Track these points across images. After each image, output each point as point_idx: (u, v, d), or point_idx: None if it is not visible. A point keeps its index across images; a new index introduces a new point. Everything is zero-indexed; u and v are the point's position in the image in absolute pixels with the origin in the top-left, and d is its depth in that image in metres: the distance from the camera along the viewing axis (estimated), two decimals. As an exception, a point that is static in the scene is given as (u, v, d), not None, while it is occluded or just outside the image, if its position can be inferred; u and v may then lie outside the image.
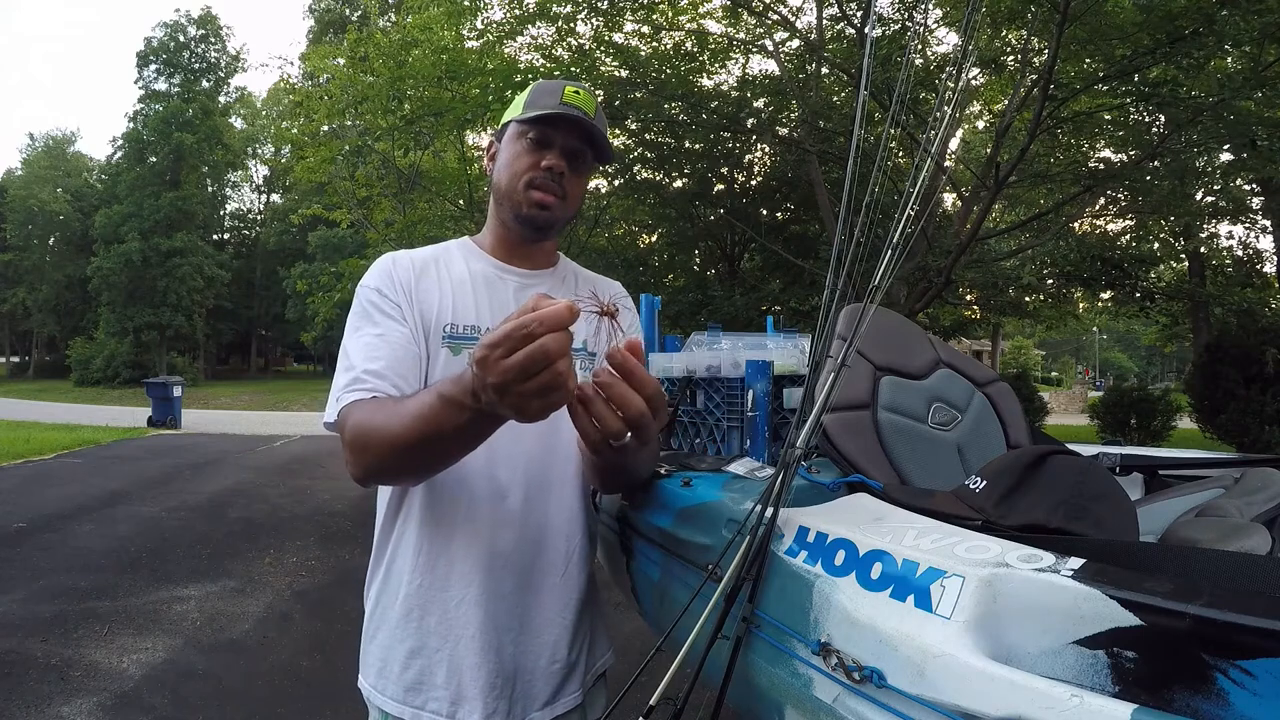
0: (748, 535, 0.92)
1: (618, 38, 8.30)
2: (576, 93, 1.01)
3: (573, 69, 7.70)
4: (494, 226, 1.09)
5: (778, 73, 8.91)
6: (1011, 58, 7.48)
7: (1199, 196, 9.05)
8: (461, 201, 9.99)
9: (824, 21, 8.69)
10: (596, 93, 1.15)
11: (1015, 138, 6.88)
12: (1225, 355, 9.16)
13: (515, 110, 1.04)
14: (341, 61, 9.76)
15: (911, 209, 1.11)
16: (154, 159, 31.33)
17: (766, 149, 10.45)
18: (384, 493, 1.02)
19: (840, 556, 0.83)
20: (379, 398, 0.90)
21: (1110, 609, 0.57)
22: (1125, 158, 7.87)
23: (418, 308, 1.00)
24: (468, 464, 0.86)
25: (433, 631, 0.97)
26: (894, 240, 1.11)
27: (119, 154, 33.24)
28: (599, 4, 7.75)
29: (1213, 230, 11.37)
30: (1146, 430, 11.00)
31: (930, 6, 7.70)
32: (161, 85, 32.35)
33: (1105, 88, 6.46)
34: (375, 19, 13.56)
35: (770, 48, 8.90)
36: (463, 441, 0.79)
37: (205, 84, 33.05)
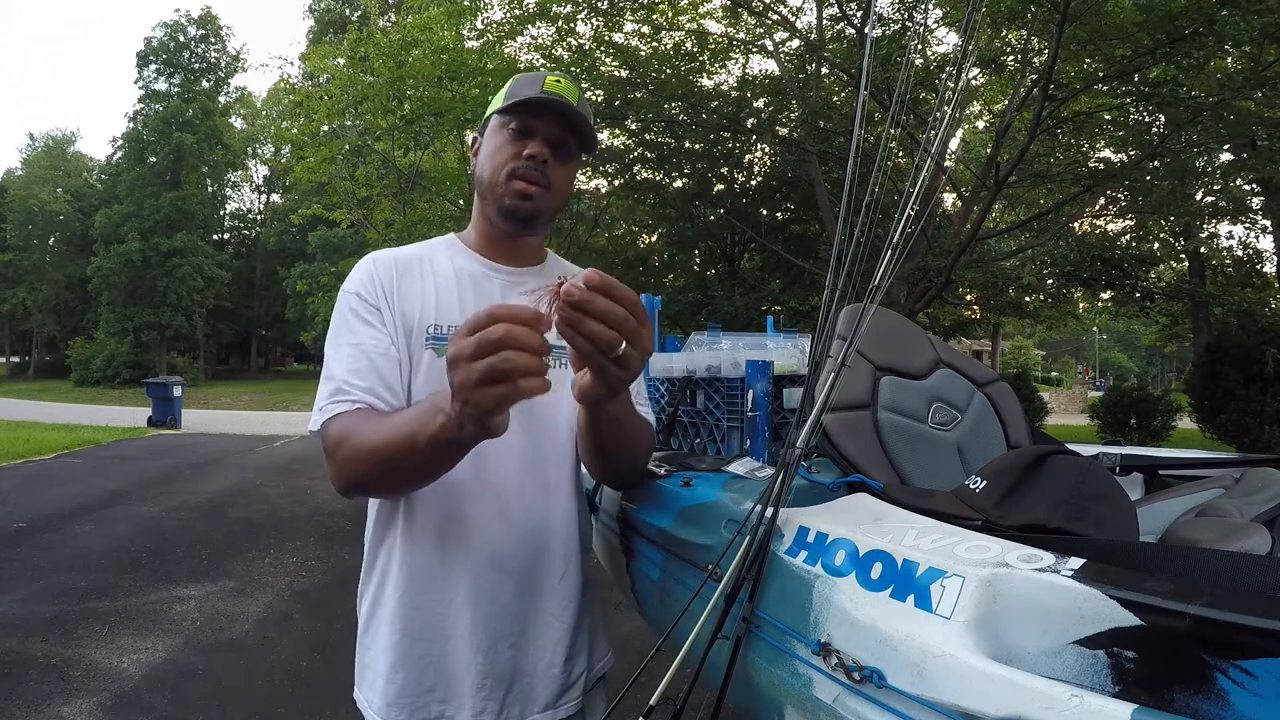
0: (748, 535, 0.92)
1: (618, 38, 8.30)
2: (558, 81, 0.99)
3: (573, 69, 7.71)
4: (478, 222, 1.07)
5: (778, 73, 8.91)
6: (1011, 58, 7.49)
7: (1199, 196, 9.06)
8: (461, 201, 10.00)
9: (824, 21, 8.69)
10: (582, 84, 1.12)
11: (1015, 138, 6.88)
12: (1225, 355, 9.17)
13: (497, 104, 1.03)
14: (341, 61, 9.77)
15: (911, 209, 1.12)
16: (154, 159, 31.33)
17: (766, 149, 10.46)
18: (373, 507, 1.01)
19: (840, 556, 0.83)
20: (361, 409, 0.90)
21: (1110, 609, 0.57)
22: (1125, 158, 7.88)
23: (399, 309, 0.98)
24: (461, 471, 0.85)
25: (417, 639, 0.96)
26: (894, 240, 1.12)
27: (119, 154, 33.25)
28: (599, 4, 7.75)
29: (1213, 230, 11.39)
30: (1146, 430, 11.00)
31: (930, 6, 7.70)
32: (161, 85, 32.36)
33: (1105, 88, 6.47)
34: (375, 19, 13.56)
35: (770, 48, 8.91)
36: (439, 459, 0.80)
37: (205, 84, 33.05)
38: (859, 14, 7.32)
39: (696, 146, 9.86)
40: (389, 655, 0.96)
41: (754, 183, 11.55)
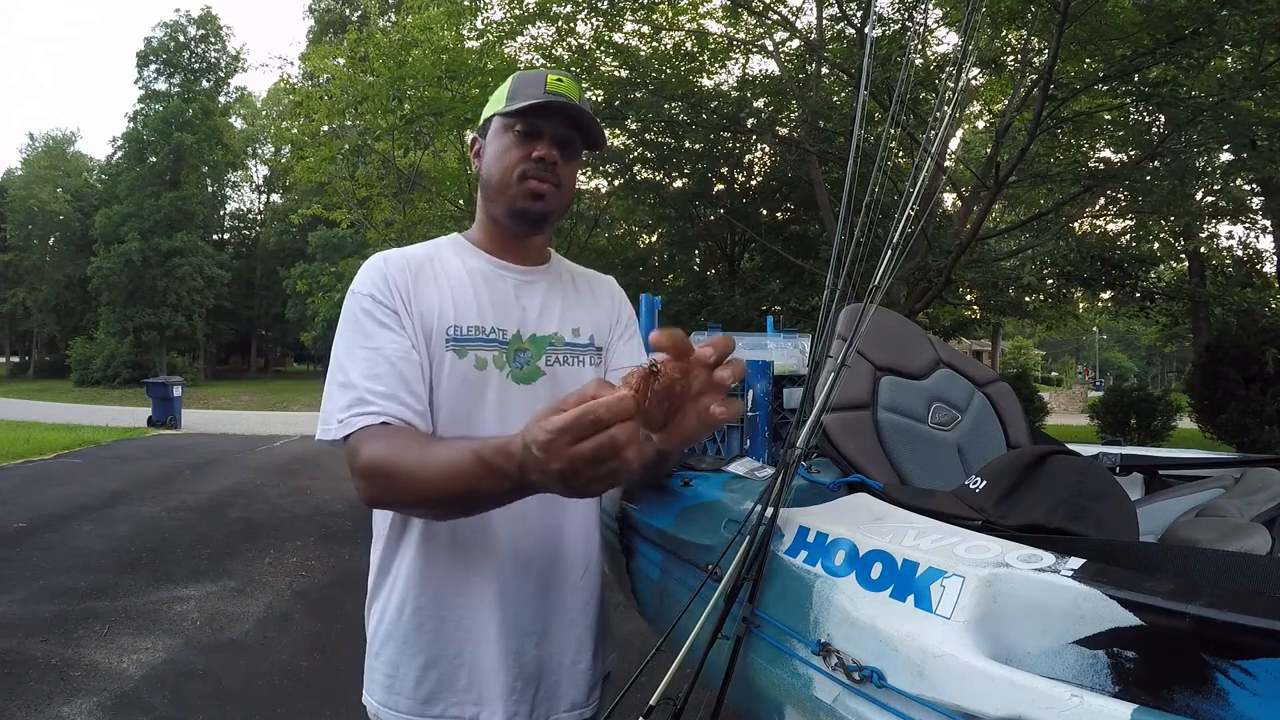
0: (748, 535, 0.92)
1: (618, 38, 8.31)
2: (559, 80, 0.98)
3: (573, 69, 7.72)
4: (485, 223, 1.06)
5: (778, 73, 8.91)
6: (1011, 58, 7.49)
7: (1199, 196, 9.06)
8: (461, 201, 10.01)
9: (824, 21, 8.70)
10: (582, 84, 1.08)
11: (1015, 138, 6.88)
12: (1225, 355, 9.17)
13: (498, 103, 1.01)
14: (341, 61, 9.78)
15: (911, 209, 1.12)
16: (154, 159, 31.31)
17: (766, 149, 10.47)
18: (384, 511, 1.00)
19: (840, 556, 0.83)
20: (391, 425, 0.87)
21: (1110, 609, 0.57)
22: (1125, 158, 7.88)
23: (417, 310, 0.95)
24: None
25: (450, 639, 0.95)
26: (894, 240, 1.12)
27: (119, 154, 33.23)
28: (599, 4, 7.76)
29: (1213, 230, 11.39)
30: (1146, 430, 11.01)
31: (930, 6, 7.70)
32: (161, 85, 32.34)
33: (1105, 88, 6.47)
34: (375, 19, 13.57)
35: (770, 48, 8.91)
36: (497, 503, 0.79)
37: (205, 84, 33.02)
38: (859, 14, 7.33)
39: (696, 146, 9.86)
40: (419, 656, 0.95)
41: (754, 183, 11.56)
